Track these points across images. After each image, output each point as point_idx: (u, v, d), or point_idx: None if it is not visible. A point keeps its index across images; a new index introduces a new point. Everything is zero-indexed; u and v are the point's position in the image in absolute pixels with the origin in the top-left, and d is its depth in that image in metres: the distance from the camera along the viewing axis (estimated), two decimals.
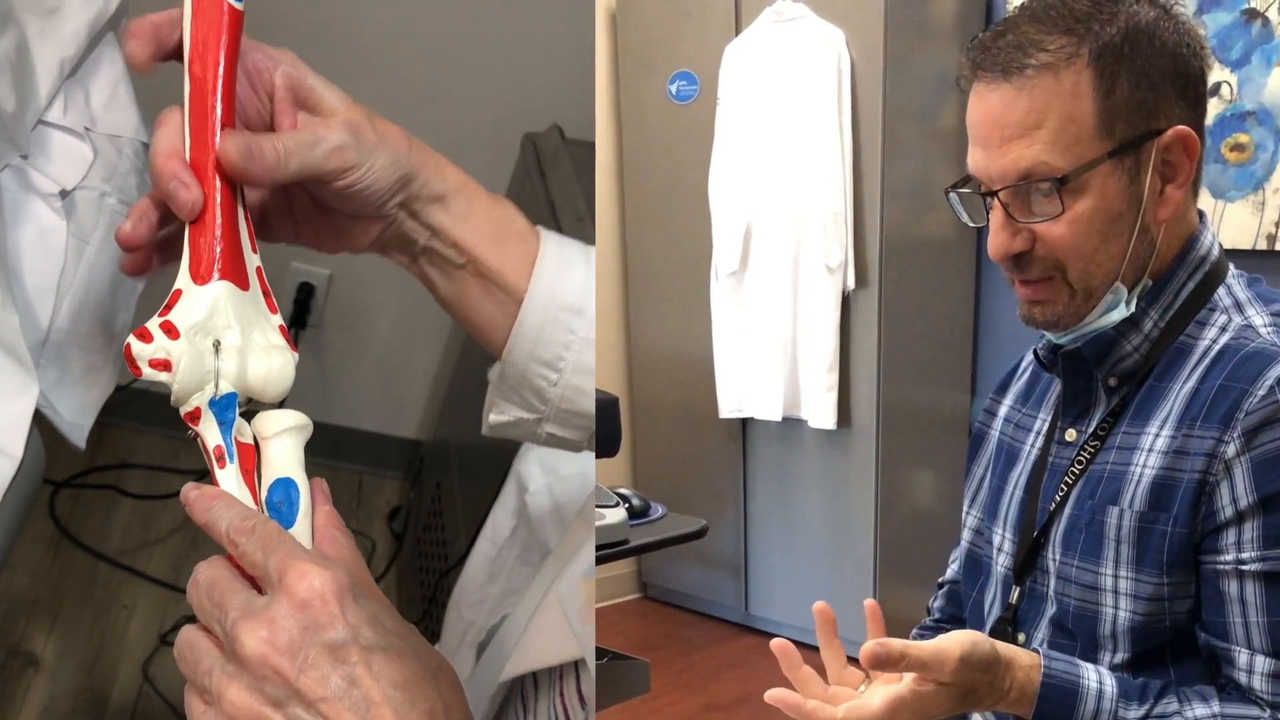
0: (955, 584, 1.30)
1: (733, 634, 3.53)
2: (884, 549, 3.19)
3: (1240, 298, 1.07)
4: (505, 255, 0.86)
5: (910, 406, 3.21)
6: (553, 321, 0.86)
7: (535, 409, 0.90)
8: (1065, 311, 1.06)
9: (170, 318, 0.73)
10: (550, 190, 2.00)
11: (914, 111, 3.07)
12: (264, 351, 0.75)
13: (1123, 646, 1.04)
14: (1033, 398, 1.19)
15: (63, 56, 1.34)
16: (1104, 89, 1.00)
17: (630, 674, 1.87)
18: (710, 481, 3.51)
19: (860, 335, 3.11)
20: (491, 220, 0.87)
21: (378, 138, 0.82)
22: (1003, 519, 1.17)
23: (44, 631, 2.18)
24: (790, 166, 3.09)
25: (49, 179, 1.31)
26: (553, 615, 0.92)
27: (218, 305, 0.74)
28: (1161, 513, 1.01)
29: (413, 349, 2.57)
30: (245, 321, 0.75)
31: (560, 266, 0.87)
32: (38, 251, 1.26)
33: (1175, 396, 1.03)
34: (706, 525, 2.06)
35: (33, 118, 1.33)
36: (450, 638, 1.52)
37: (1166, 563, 1.01)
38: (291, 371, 0.76)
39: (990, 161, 1.03)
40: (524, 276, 0.86)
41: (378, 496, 2.72)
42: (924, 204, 3.14)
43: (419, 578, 2.39)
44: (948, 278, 3.26)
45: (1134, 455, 1.04)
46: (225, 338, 0.74)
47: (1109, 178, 1.02)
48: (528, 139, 2.17)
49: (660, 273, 3.52)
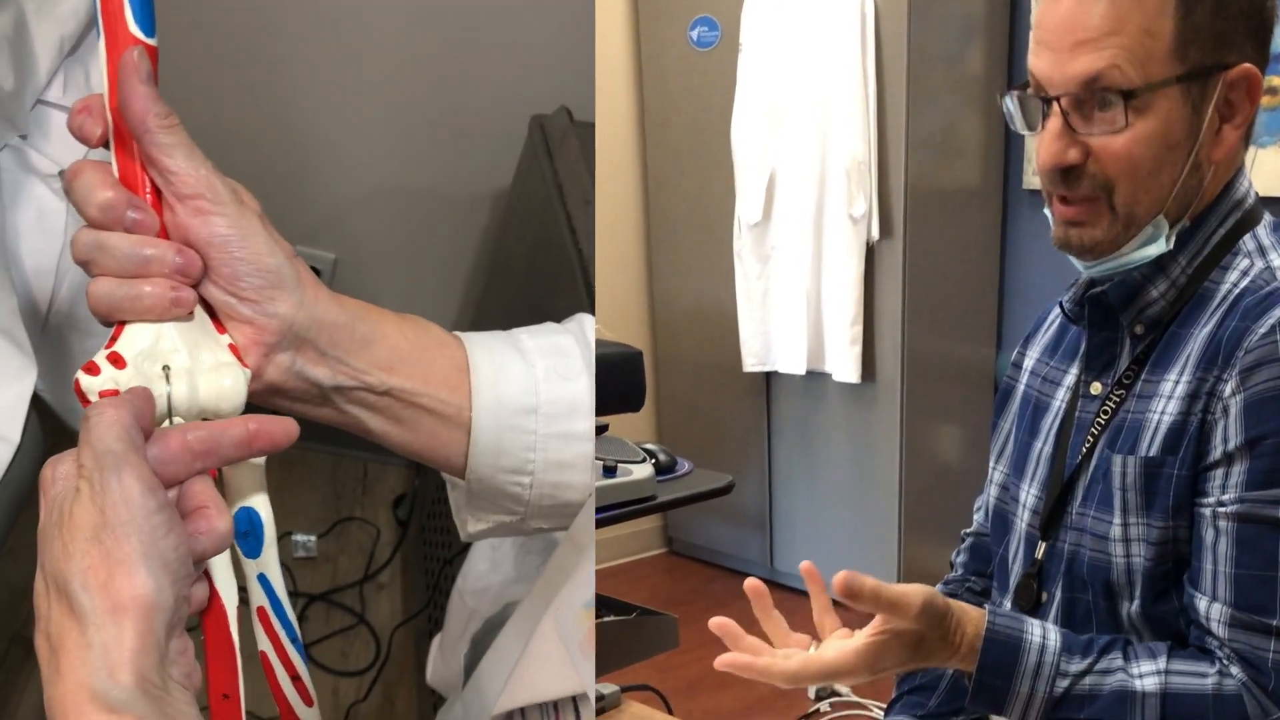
0: (979, 537, 1.29)
1: None
2: (909, 503, 3.17)
3: (1265, 242, 1.05)
4: (430, 369, 0.81)
5: (935, 359, 3.18)
6: (508, 429, 0.82)
7: (513, 511, 0.87)
8: (1104, 237, 1.04)
9: (116, 348, 0.73)
10: (558, 173, 1.99)
11: (940, 57, 3.02)
12: (214, 370, 0.74)
13: (1137, 593, 1.03)
14: (1060, 351, 1.18)
15: (61, 34, 1.32)
16: (1185, 8, 0.98)
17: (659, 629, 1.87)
18: (734, 436, 3.49)
19: (885, 287, 3.08)
20: (406, 338, 0.81)
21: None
22: (1030, 475, 1.16)
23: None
24: (813, 114, 3.05)
25: (48, 159, 1.29)
26: (550, 648, 0.89)
27: (162, 332, 0.74)
28: (1169, 456, 1.01)
29: None
30: (192, 344, 0.74)
31: (496, 370, 0.82)
32: (37, 233, 1.25)
33: (1194, 342, 1.02)
34: (733, 481, 2.04)
35: (31, 97, 1.31)
36: (454, 626, 1.52)
37: (1173, 506, 1.01)
38: (243, 387, 0.75)
39: (1058, 65, 1.01)
40: (458, 388, 0.81)
41: (382, 484, 2.71)
42: (950, 152, 3.10)
43: (423, 565, 2.39)
44: (974, 229, 3.22)
45: (1152, 403, 1.03)
46: (173, 361, 0.73)
47: (1175, 103, 1.00)
48: (535, 121, 2.15)
49: (683, 224, 3.49)
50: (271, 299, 0.75)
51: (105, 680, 0.60)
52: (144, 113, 0.72)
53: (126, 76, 0.72)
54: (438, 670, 1.47)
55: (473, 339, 0.84)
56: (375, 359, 0.79)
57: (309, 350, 0.77)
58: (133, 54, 0.72)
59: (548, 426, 0.83)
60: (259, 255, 0.75)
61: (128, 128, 0.73)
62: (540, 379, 0.82)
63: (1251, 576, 0.97)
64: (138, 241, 0.73)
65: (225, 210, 0.74)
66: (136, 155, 0.74)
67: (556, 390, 0.83)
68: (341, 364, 0.79)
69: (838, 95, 2.99)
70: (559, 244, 1.87)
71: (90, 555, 0.62)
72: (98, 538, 0.62)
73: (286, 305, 0.76)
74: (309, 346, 0.77)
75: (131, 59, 0.72)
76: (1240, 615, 0.97)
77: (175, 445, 0.69)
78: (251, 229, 0.75)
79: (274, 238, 0.76)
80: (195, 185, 0.73)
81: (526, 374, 0.82)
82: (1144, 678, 0.97)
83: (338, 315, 0.78)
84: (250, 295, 0.75)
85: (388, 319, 0.81)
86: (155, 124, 0.72)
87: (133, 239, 0.73)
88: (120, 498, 0.63)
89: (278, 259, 0.76)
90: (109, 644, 0.61)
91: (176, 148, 0.73)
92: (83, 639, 0.61)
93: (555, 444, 0.83)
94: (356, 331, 0.79)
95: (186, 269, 0.74)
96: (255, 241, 0.75)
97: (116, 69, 0.73)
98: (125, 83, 0.72)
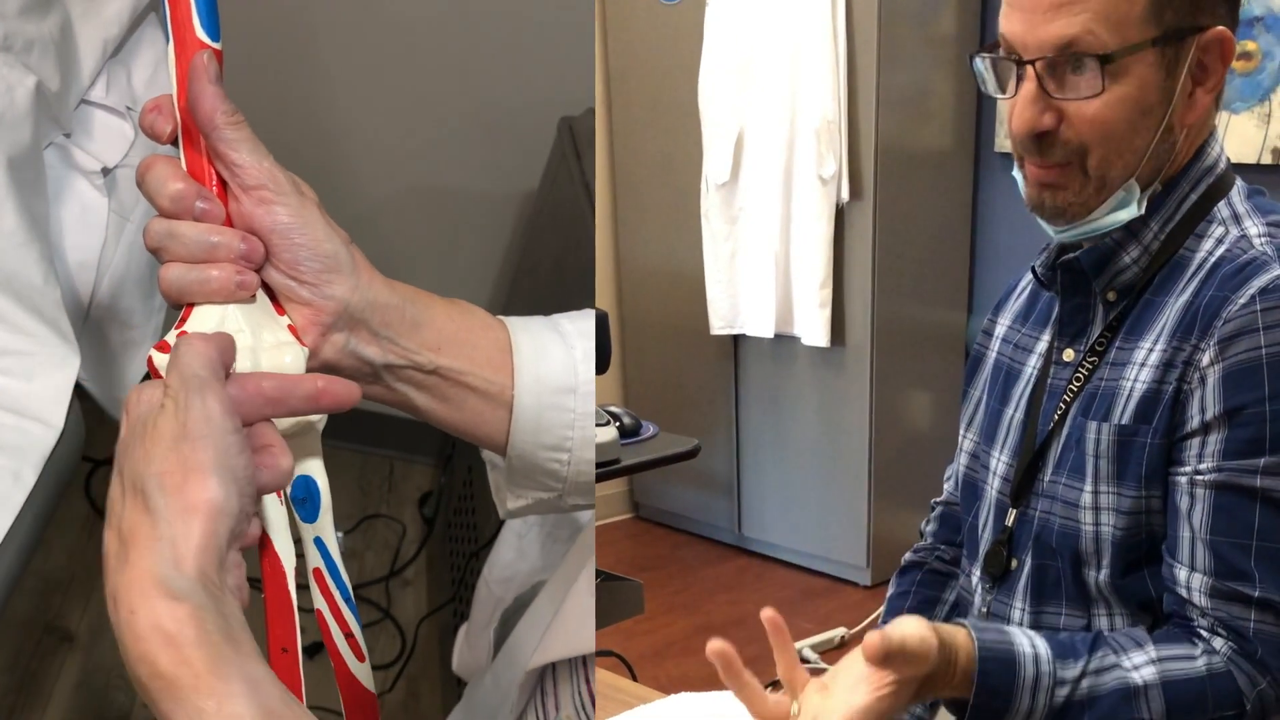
0: (948, 506, 1.28)
1: (726, 555, 3.52)
2: (878, 469, 3.16)
3: (1239, 210, 1.05)
4: (476, 350, 0.86)
5: (905, 323, 3.16)
6: (549, 408, 0.87)
7: (551, 488, 0.91)
8: (1076, 200, 1.03)
9: (186, 329, 0.79)
10: (586, 173, 2.03)
11: (911, 15, 2.99)
12: (275, 349, 0.80)
13: (1105, 561, 1.03)
14: (1032, 318, 1.17)
15: (105, 37, 1.41)
16: None
17: (624, 595, 1.87)
18: (701, 400, 3.47)
19: (854, 249, 3.06)
20: (453, 320, 0.86)
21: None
22: (1000, 442, 1.15)
23: (79, 609, 2.29)
24: (783, 71, 3.01)
25: (91, 157, 1.37)
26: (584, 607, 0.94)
27: (227, 313, 0.80)
28: (1143, 424, 1.00)
29: None
30: (255, 324, 0.80)
31: (536, 350, 0.87)
32: (79, 228, 1.33)
33: (1169, 310, 1.02)
34: (699, 445, 2.04)
35: (76, 97, 1.39)
36: (480, 614, 1.55)
37: (1145, 475, 1.00)
38: (302, 364, 0.80)
39: (1032, 28, 1.00)
40: (502, 368, 0.86)
41: (408, 482, 2.77)
42: (921, 113, 3.08)
43: (449, 561, 2.43)
44: (945, 191, 3.20)
45: (1126, 370, 1.03)
46: (238, 340, 0.78)
47: (1149, 66, 1.00)
48: (564, 122, 2.19)
49: (649, 184, 3.44)
50: (329, 282, 0.81)
51: (171, 570, 0.66)
52: (213, 111, 0.77)
53: (196, 78, 0.77)
54: (463, 658, 1.50)
55: (515, 322, 0.88)
56: (424, 340, 0.85)
57: (362, 330, 0.82)
58: (202, 57, 0.78)
59: (585, 405, 0.87)
60: (318, 241, 0.80)
61: (196, 125, 0.79)
62: (579, 360, 0.87)
63: (1230, 544, 0.96)
64: (206, 229, 0.78)
65: (287, 200, 0.79)
66: (204, 150, 0.80)
67: (593, 371, 0.88)
68: (392, 344, 0.84)
69: (807, 53, 2.95)
70: (587, 243, 1.94)
71: (169, 461, 0.68)
72: (177, 446, 0.68)
73: (343, 288, 0.81)
74: (362, 327, 0.82)
75: (201, 61, 0.78)
76: (1220, 585, 0.97)
77: (251, 388, 0.75)
78: (311, 218, 0.80)
79: (331, 225, 0.82)
80: (259, 177, 0.79)
81: (566, 355, 0.87)
82: (1140, 669, 0.96)
83: (390, 298, 0.83)
84: (309, 279, 0.80)
85: (436, 302, 0.86)
86: (223, 121, 0.78)
87: (201, 227, 0.78)
88: (201, 414, 0.69)
89: (335, 245, 0.81)
90: (177, 539, 0.66)
91: (242, 143, 0.78)
92: (153, 533, 0.67)
93: (592, 422, 0.88)
94: (407, 313, 0.84)
95: (250, 255, 0.79)
96: (314, 229, 0.80)
97: (186, 71, 0.79)
98: (195, 84, 0.77)
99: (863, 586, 3.20)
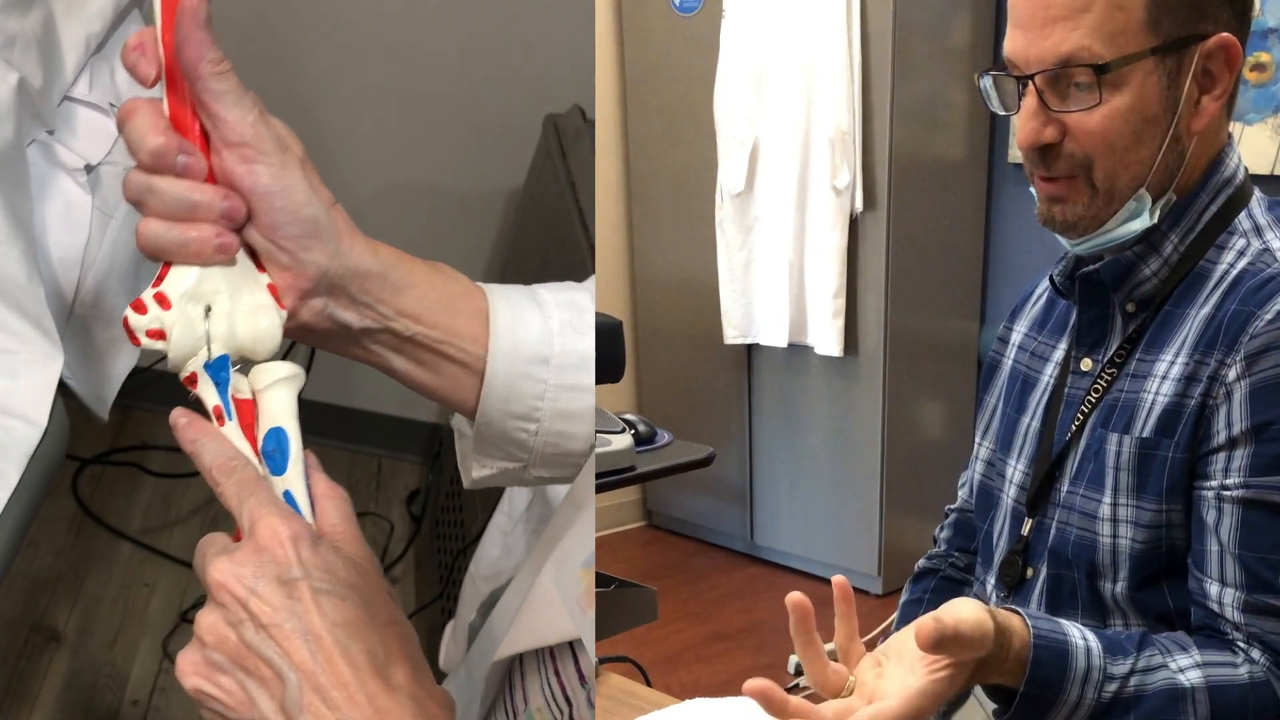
0: (963, 513, 1.28)
1: (738, 563, 3.52)
2: (890, 478, 3.16)
3: (1260, 221, 1.04)
4: (455, 318, 0.85)
5: (918, 333, 3.17)
6: (520, 376, 0.86)
7: (517, 458, 0.90)
8: (1085, 212, 1.04)
9: (162, 289, 0.77)
10: (571, 171, 2.02)
11: (925, 27, 3.00)
12: (252, 312, 0.79)
13: (1122, 574, 1.03)
14: (1049, 325, 1.16)
15: (88, 33, 1.38)
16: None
17: (638, 601, 1.87)
18: (714, 408, 3.47)
19: (868, 259, 3.06)
20: (435, 287, 0.85)
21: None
22: (1017, 450, 1.14)
23: (66, 608, 2.27)
24: (798, 82, 3.02)
25: (75, 154, 1.35)
26: (547, 598, 0.91)
27: (206, 272, 0.78)
28: (1165, 439, 1.00)
29: None
30: (234, 286, 0.79)
31: (514, 319, 0.86)
32: (63, 225, 1.31)
33: (1190, 323, 1.02)
34: (713, 452, 2.04)
35: (59, 93, 1.37)
36: (466, 610, 1.54)
37: (1166, 489, 1.00)
38: (278, 329, 0.79)
39: (1030, 44, 1.01)
40: (479, 336, 0.85)
41: (396, 480, 2.76)
42: (935, 124, 3.08)
43: (437, 559, 2.42)
44: (958, 201, 3.20)
45: (1147, 383, 1.02)
46: (215, 303, 0.78)
47: (1149, 76, 1.00)
48: (549, 120, 2.19)
49: (664, 194, 3.46)
50: (307, 248, 0.79)
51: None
52: (197, 59, 0.74)
53: (185, 20, 0.74)
54: (450, 653, 1.49)
55: (494, 289, 0.87)
56: (404, 306, 0.83)
57: (341, 296, 0.81)
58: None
59: (558, 377, 0.86)
60: (298, 205, 0.78)
61: (181, 70, 0.75)
62: (555, 331, 0.86)
63: (1260, 560, 0.96)
64: (187, 187, 0.76)
65: (268, 160, 0.77)
66: (188, 98, 0.76)
67: (570, 343, 0.86)
68: (371, 309, 0.82)
69: (822, 64, 2.96)
70: (572, 241, 1.92)
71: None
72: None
73: (322, 255, 0.79)
74: (341, 292, 0.81)
75: (192, 2, 0.74)
76: (1253, 599, 0.96)
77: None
78: (292, 180, 0.78)
79: (314, 187, 0.79)
80: (242, 134, 0.76)
81: (543, 325, 0.86)
82: (1186, 672, 0.95)
83: (371, 264, 0.81)
84: (288, 245, 0.78)
85: (419, 268, 0.85)
86: (208, 70, 0.74)
87: (182, 184, 0.76)
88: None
89: (315, 209, 0.79)
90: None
91: (227, 94, 0.75)
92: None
93: (564, 395, 0.87)
94: (388, 279, 0.82)
95: (231, 213, 0.77)
96: (295, 193, 0.78)
97: (172, 9, 0.75)
98: (184, 27, 0.74)
99: (874, 595, 3.19)
